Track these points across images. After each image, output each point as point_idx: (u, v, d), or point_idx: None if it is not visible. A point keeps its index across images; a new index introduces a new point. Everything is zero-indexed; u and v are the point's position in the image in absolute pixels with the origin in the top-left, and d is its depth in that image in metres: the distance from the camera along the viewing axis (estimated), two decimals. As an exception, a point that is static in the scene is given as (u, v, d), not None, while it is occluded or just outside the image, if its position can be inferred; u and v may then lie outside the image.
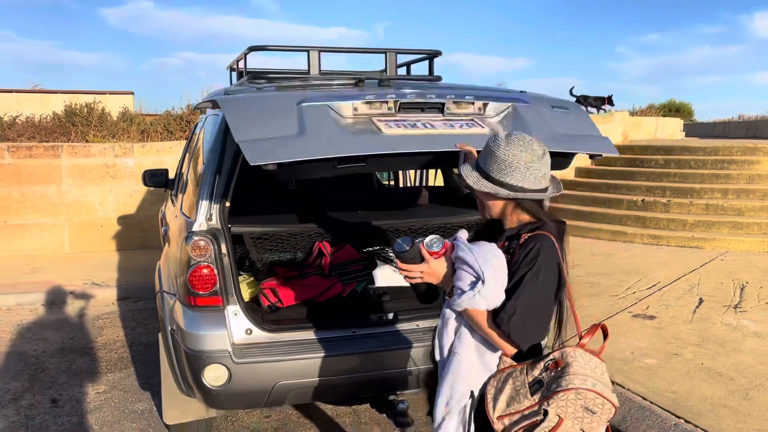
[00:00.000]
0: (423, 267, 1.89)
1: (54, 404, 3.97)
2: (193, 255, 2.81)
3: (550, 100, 2.97)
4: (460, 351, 1.87)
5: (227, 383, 2.76)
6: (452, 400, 1.86)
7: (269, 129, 2.34)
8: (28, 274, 7.14)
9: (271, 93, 2.75)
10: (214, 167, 2.94)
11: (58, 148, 8.41)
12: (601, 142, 2.75)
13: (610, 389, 1.74)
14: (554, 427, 1.68)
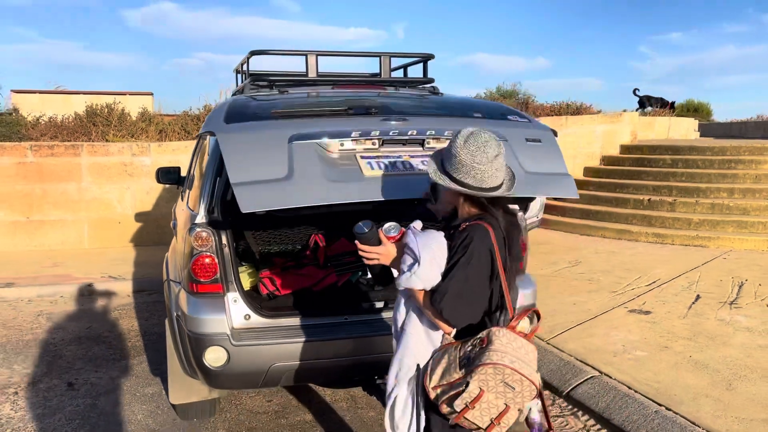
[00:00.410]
0: (380, 249, 2.13)
1: (70, 387, 4.22)
2: (196, 245, 3.03)
3: (527, 132, 3.09)
4: (408, 329, 2.10)
5: (226, 364, 2.97)
6: (401, 372, 2.09)
7: (261, 170, 2.55)
8: (49, 267, 7.45)
9: (265, 128, 2.83)
10: (216, 165, 3.15)
11: (78, 147, 8.72)
12: (564, 185, 2.94)
13: (533, 369, 1.91)
14: (475, 398, 1.86)
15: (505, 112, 3.33)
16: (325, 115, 2.98)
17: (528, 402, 1.93)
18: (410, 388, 2.08)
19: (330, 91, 3.42)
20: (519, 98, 15.78)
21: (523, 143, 3.00)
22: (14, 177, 8.41)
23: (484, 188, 2.02)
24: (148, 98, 15.72)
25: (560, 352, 4.47)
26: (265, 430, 3.61)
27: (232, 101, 3.14)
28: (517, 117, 3.29)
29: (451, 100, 3.61)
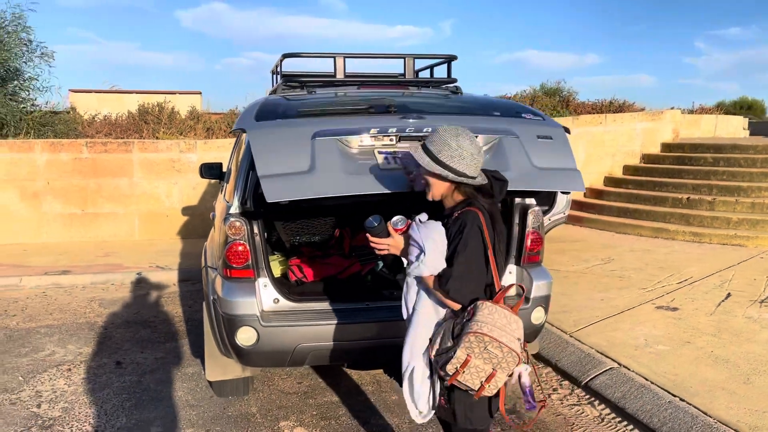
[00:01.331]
0: (389, 241, 2.37)
1: (118, 366, 4.56)
2: (230, 234, 3.29)
3: (538, 130, 3.24)
4: (419, 308, 2.34)
5: (256, 343, 3.22)
6: (415, 347, 2.32)
7: (285, 164, 2.78)
8: (102, 257, 7.92)
9: (291, 125, 3.03)
10: (249, 160, 3.40)
11: (129, 143, 9.19)
12: (571, 179, 3.07)
13: (514, 338, 2.14)
14: (463, 363, 2.11)
15: (520, 110, 3.48)
16: (347, 113, 3.17)
17: (513, 367, 2.14)
18: (425, 360, 2.32)
19: (355, 92, 3.63)
20: (562, 96, 15.71)
21: (534, 140, 3.15)
22: (71, 172, 8.94)
23: (475, 177, 2.28)
24: (197, 97, 16.30)
25: (581, 344, 4.58)
26: (295, 409, 3.85)
27: (264, 101, 3.38)
28: (531, 115, 3.43)
29: (469, 99, 3.78)
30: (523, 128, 3.19)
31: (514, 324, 2.18)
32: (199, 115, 12.98)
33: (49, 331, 5.35)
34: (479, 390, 2.16)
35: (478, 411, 2.34)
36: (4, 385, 4.21)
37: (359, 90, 3.61)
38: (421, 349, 2.32)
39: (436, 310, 2.32)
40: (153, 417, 3.75)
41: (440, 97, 3.60)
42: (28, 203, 8.88)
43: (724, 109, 20.66)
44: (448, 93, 3.80)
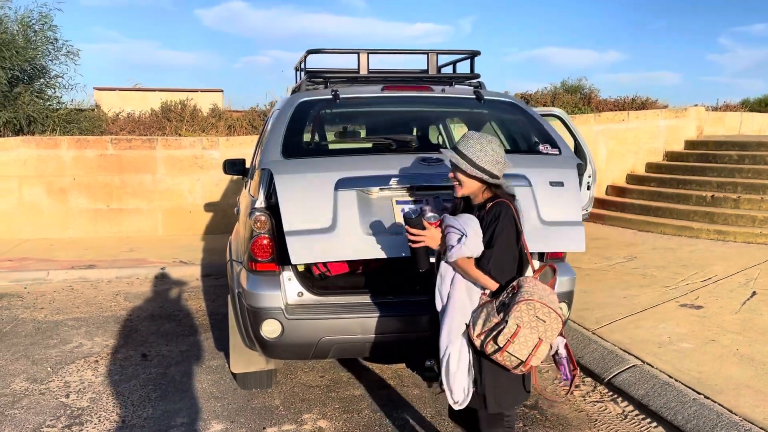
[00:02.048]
0: (426, 232, 2.57)
1: (144, 358, 4.64)
2: (255, 228, 3.33)
3: (552, 174, 3.33)
4: (454, 296, 2.53)
5: (280, 336, 3.26)
6: (452, 332, 2.49)
7: (310, 219, 3.06)
8: (126, 252, 8.04)
9: (316, 168, 3.21)
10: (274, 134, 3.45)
11: (153, 140, 9.31)
12: (574, 238, 3.29)
13: (556, 306, 2.35)
14: (513, 333, 2.28)
15: (540, 139, 3.54)
16: (369, 151, 3.39)
17: (556, 336, 2.32)
18: (460, 343, 2.49)
19: (378, 95, 3.61)
20: (583, 93, 15.60)
21: (546, 188, 3.28)
22: (96, 168, 9.08)
23: (500, 176, 2.57)
24: (219, 95, 16.44)
25: (604, 341, 4.56)
26: (317, 402, 3.89)
27: (287, 130, 3.36)
28: (549, 146, 3.50)
29: (492, 120, 3.83)
30: (537, 172, 3.27)
31: (552, 296, 2.39)
32: (220, 113, 13.11)
33: (76, 324, 5.45)
34: (526, 361, 2.31)
35: (508, 395, 2.53)
36: (33, 376, 4.30)
37: (383, 92, 3.60)
38: (457, 336, 2.47)
39: (470, 297, 2.50)
40: (178, 408, 3.81)
41: (461, 115, 3.66)
42: (55, 199, 9.04)
43: (749, 106, 20.34)
44: (471, 97, 3.80)
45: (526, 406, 3.87)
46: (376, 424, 3.63)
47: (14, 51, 9.95)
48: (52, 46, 11.07)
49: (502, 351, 2.31)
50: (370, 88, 3.66)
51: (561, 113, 5.21)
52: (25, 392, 4.04)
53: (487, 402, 2.50)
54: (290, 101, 3.56)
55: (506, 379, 2.49)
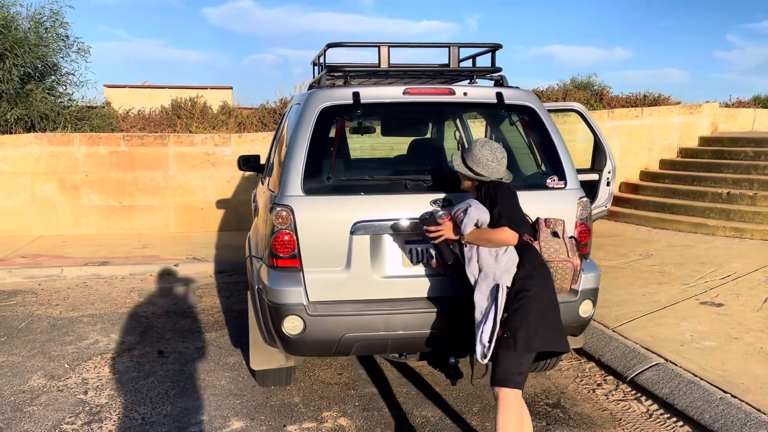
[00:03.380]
0: (441, 226, 3.04)
1: (161, 355, 4.62)
2: (276, 223, 3.29)
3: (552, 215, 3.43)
4: (484, 264, 2.91)
5: (302, 332, 3.23)
6: (488, 294, 2.86)
7: (326, 259, 3.33)
8: (139, 249, 8.03)
9: (334, 207, 3.37)
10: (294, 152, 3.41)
11: (165, 137, 9.29)
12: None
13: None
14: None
15: (549, 170, 3.59)
16: (385, 188, 3.54)
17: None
18: (491, 301, 2.83)
19: (399, 104, 3.55)
20: (593, 89, 15.48)
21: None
22: (108, 165, 9.07)
23: (491, 177, 2.96)
24: (228, 92, 16.43)
25: (625, 339, 4.51)
26: (337, 400, 3.85)
27: (309, 153, 3.38)
28: (556, 179, 3.56)
29: (510, 123, 3.82)
30: (538, 211, 3.28)
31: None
32: (230, 110, 13.08)
33: (91, 321, 5.44)
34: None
35: (538, 333, 2.78)
36: (51, 373, 4.28)
37: (404, 97, 3.52)
38: (491, 293, 2.84)
39: (496, 260, 2.87)
40: (197, 405, 3.78)
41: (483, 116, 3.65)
42: (68, 195, 9.04)
43: (761, 102, 20.17)
44: (491, 112, 3.79)
45: (549, 404, 3.83)
46: (397, 423, 3.58)
47: (26, 48, 9.94)
48: (64, 43, 11.05)
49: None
50: (391, 91, 3.57)
51: (580, 108, 5.15)
52: (43, 389, 4.02)
53: (518, 342, 2.75)
54: (311, 103, 3.48)
55: (534, 319, 2.79)
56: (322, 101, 3.47)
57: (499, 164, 2.96)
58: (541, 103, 3.74)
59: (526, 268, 2.87)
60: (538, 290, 2.85)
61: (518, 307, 2.79)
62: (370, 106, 3.51)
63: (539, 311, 2.81)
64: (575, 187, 3.59)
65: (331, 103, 3.47)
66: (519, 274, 2.86)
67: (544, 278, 2.92)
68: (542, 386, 4.08)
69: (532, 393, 3.97)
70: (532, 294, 2.82)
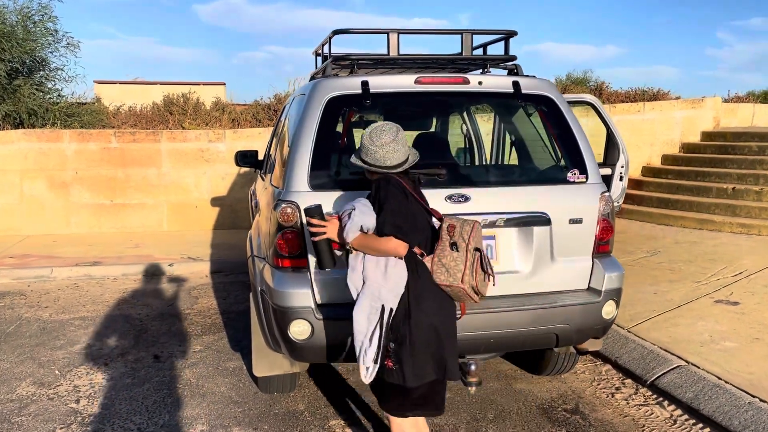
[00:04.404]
0: (325, 223, 2.64)
1: (156, 360, 4.39)
2: (281, 221, 3.08)
3: (573, 209, 3.36)
4: (369, 277, 2.52)
5: (310, 337, 3.02)
6: (371, 314, 2.50)
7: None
8: (132, 248, 7.78)
9: (342, 205, 3.07)
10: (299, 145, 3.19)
11: (158, 133, 9.05)
12: (579, 276, 3.44)
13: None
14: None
15: (569, 164, 3.41)
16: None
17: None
18: (375, 324, 2.49)
19: (411, 93, 3.34)
20: (590, 85, 15.33)
21: (565, 226, 3.29)
22: (99, 162, 8.81)
23: (381, 166, 2.57)
24: (221, 88, 16.17)
25: (642, 340, 4.33)
26: (344, 407, 3.65)
27: (315, 146, 3.16)
28: (577, 173, 3.37)
29: (527, 116, 3.64)
30: (559, 209, 3.27)
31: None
32: (224, 106, 12.83)
33: (83, 324, 5.20)
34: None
35: (429, 364, 2.52)
36: (40, 380, 4.06)
37: (416, 86, 3.30)
38: (375, 316, 2.49)
39: (386, 278, 2.49)
40: (196, 414, 3.57)
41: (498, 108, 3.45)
42: (57, 193, 8.78)
43: (756, 98, 20.11)
44: (507, 103, 3.63)
45: (567, 410, 3.64)
46: (409, 431, 3.38)
47: (14, 42, 9.65)
48: (52, 37, 10.76)
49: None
50: (402, 79, 3.36)
51: (593, 100, 4.96)
52: (33, 397, 3.79)
53: (405, 377, 2.50)
54: (317, 92, 3.27)
55: (422, 351, 2.51)
56: (329, 91, 3.25)
57: (382, 149, 2.52)
58: (560, 93, 3.55)
59: (416, 287, 2.50)
60: (430, 314, 2.52)
61: (404, 335, 2.48)
62: (380, 96, 3.30)
63: (428, 341, 2.50)
64: (597, 181, 3.41)
65: (338, 92, 3.26)
66: (407, 294, 2.50)
67: (438, 299, 2.55)
68: (558, 391, 3.89)
69: (548, 398, 3.78)
70: (420, 320, 2.49)
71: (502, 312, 3.13)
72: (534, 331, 3.18)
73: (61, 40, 10.84)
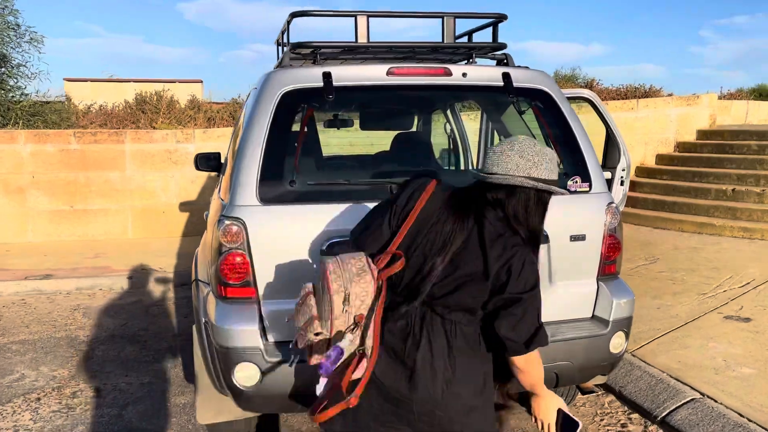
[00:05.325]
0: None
1: (97, 394, 3.83)
2: (224, 241, 2.54)
3: (574, 224, 2.86)
4: None
5: (259, 383, 2.49)
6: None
7: (289, 287, 2.45)
8: (91, 258, 7.18)
9: (298, 218, 2.61)
10: (247, 149, 2.66)
11: (121, 133, 8.45)
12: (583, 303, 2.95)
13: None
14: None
15: (569, 170, 2.88)
16: (366, 194, 2.67)
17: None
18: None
19: (382, 87, 2.81)
20: (579, 83, 14.90)
21: (565, 243, 2.78)
22: (58, 164, 8.19)
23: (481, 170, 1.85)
24: (198, 86, 15.54)
25: (649, 366, 3.83)
26: (308, 454, 3.12)
27: (266, 149, 2.64)
28: (579, 180, 2.86)
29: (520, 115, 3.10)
30: (558, 221, 2.68)
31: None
32: (199, 104, 12.25)
33: (21, 349, 4.62)
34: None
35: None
36: (-44, 422, 3.49)
37: (389, 78, 2.76)
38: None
39: None
40: (133, 467, 3.02)
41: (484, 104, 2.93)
42: (12, 199, 8.14)
43: (747, 95, 19.82)
44: (496, 99, 3.10)
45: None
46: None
47: (-31, 37, 9.02)
48: (14, 32, 10.16)
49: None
50: (372, 70, 2.83)
51: (591, 95, 4.46)
52: (-59, 447, 3.23)
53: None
54: (270, 86, 2.73)
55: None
56: (283, 84, 2.72)
57: (495, 150, 1.90)
58: (557, 87, 3.03)
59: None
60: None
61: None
62: (345, 90, 2.76)
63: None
64: (602, 190, 2.90)
65: (295, 86, 2.72)
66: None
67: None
68: (557, 429, 3.38)
69: (546, 440, 3.26)
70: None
71: None
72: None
73: (24, 35, 10.25)
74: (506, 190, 1.78)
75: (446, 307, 1.81)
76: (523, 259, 1.75)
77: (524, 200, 1.79)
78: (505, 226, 1.79)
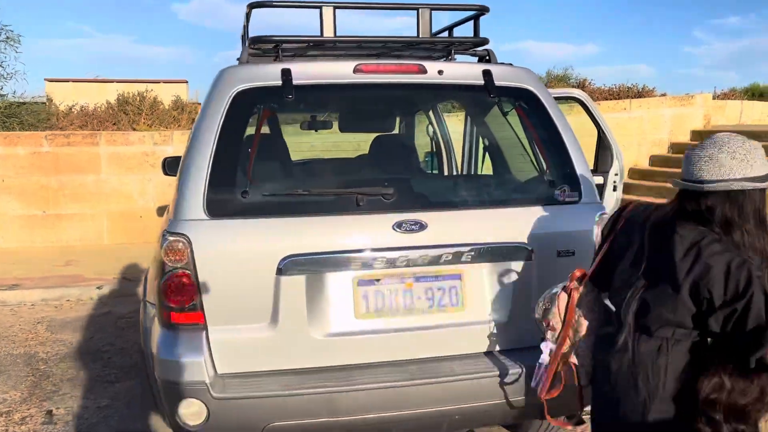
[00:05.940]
0: None
1: (47, 419, 3.54)
2: (167, 260, 2.26)
3: (561, 239, 2.60)
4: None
5: (206, 422, 2.20)
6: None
7: (241, 313, 2.31)
8: (61, 267, 6.87)
9: (253, 232, 2.34)
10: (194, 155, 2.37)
11: (96, 135, 8.14)
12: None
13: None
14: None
15: (556, 178, 2.61)
16: (329, 205, 2.43)
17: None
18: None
19: (348, 85, 2.54)
20: (571, 83, 14.68)
21: (552, 260, 2.49)
22: (29, 168, 7.87)
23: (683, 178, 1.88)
24: (183, 86, 15.23)
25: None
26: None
27: (215, 155, 2.35)
28: (567, 189, 2.58)
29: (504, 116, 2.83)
30: (544, 235, 2.50)
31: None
32: (183, 105, 11.94)
33: (-26, 367, 4.32)
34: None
35: None
36: None
37: (356, 77, 2.48)
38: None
39: None
40: (76, 507, 2.73)
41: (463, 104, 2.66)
42: (-19, 204, 7.81)
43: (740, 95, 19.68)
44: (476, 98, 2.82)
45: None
46: None
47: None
48: (-12, 31, 9.86)
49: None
50: (338, 67, 2.56)
51: (582, 95, 4.21)
52: None
53: None
54: (222, 84, 2.45)
55: None
56: (236, 82, 2.43)
57: (695, 154, 1.86)
58: (543, 86, 2.76)
59: None
60: None
61: None
62: (306, 88, 2.48)
63: None
64: (592, 200, 2.63)
65: (250, 84, 2.44)
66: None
67: None
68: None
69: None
70: None
71: (470, 379, 2.34)
72: (514, 401, 2.39)
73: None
74: (720, 196, 1.71)
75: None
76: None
77: (741, 203, 1.72)
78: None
